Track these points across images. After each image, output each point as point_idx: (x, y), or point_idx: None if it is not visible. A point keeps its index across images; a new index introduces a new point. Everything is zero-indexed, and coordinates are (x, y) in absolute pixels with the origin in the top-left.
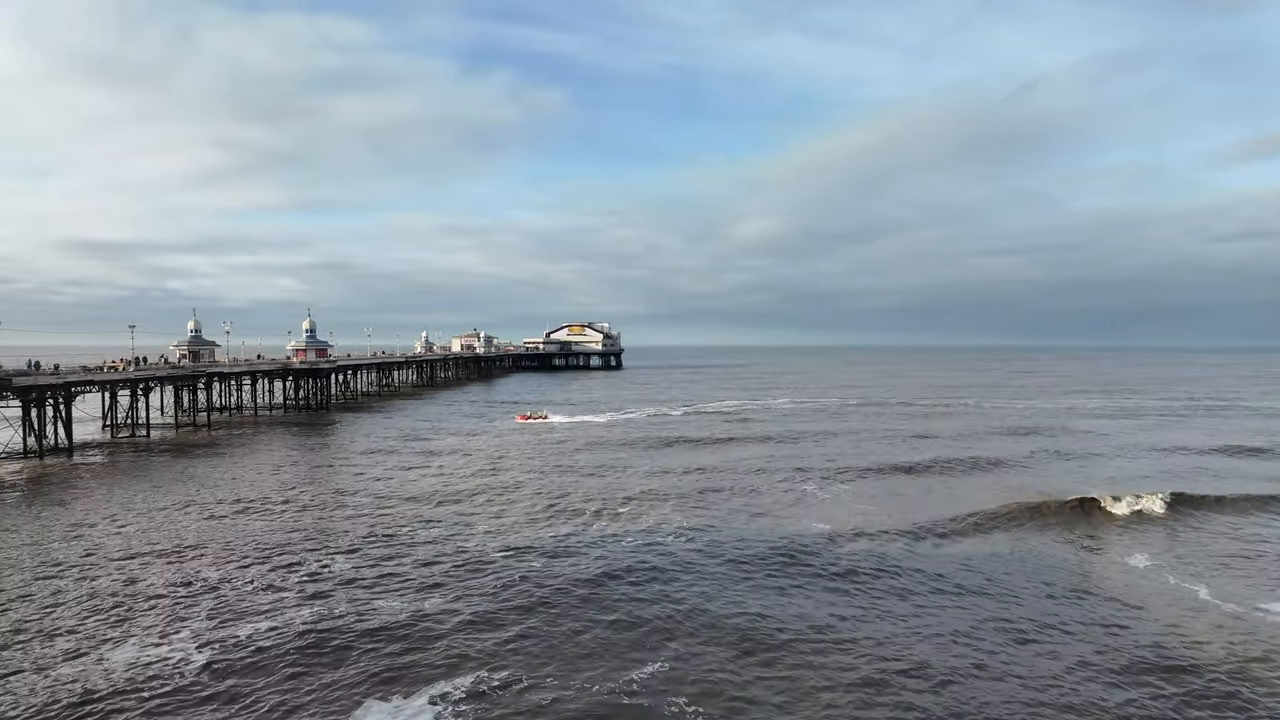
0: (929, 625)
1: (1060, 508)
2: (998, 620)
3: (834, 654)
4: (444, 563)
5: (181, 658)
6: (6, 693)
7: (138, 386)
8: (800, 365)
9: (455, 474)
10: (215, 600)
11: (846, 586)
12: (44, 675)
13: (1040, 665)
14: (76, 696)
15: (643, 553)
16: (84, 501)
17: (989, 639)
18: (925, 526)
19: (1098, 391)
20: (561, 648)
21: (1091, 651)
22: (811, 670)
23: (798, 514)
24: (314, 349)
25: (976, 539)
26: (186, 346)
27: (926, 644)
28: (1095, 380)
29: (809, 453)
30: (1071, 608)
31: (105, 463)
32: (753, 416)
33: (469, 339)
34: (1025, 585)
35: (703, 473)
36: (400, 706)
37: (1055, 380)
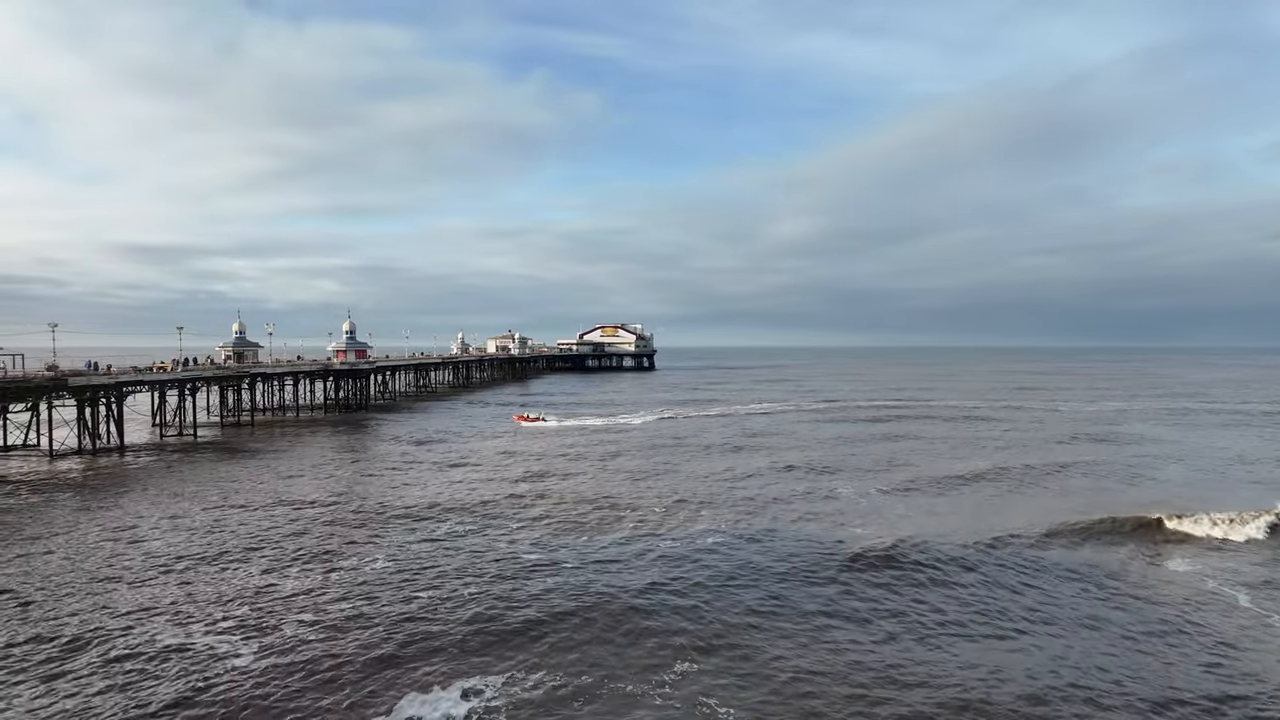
0: (983, 663)
1: (1135, 526)
2: (1068, 662)
3: (878, 686)
4: (480, 562)
5: (229, 649)
6: (70, 681)
7: (185, 387)
8: (839, 367)
9: (491, 475)
10: (259, 595)
11: (893, 607)
12: (95, 665)
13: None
14: (128, 686)
15: (681, 559)
16: (134, 498)
17: (1061, 687)
18: (981, 542)
19: (1160, 395)
20: (596, 651)
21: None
22: (851, 700)
23: (839, 524)
24: (354, 350)
25: (1041, 558)
26: (231, 348)
27: (981, 686)
28: (1156, 383)
29: (848, 457)
30: (1166, 651)
31: (154, 461)
32: (789, 419)
33: (504, 340)
34: (1104, 617)
35: (739, 477)
36: (437, 699)
37: (1112, 383)
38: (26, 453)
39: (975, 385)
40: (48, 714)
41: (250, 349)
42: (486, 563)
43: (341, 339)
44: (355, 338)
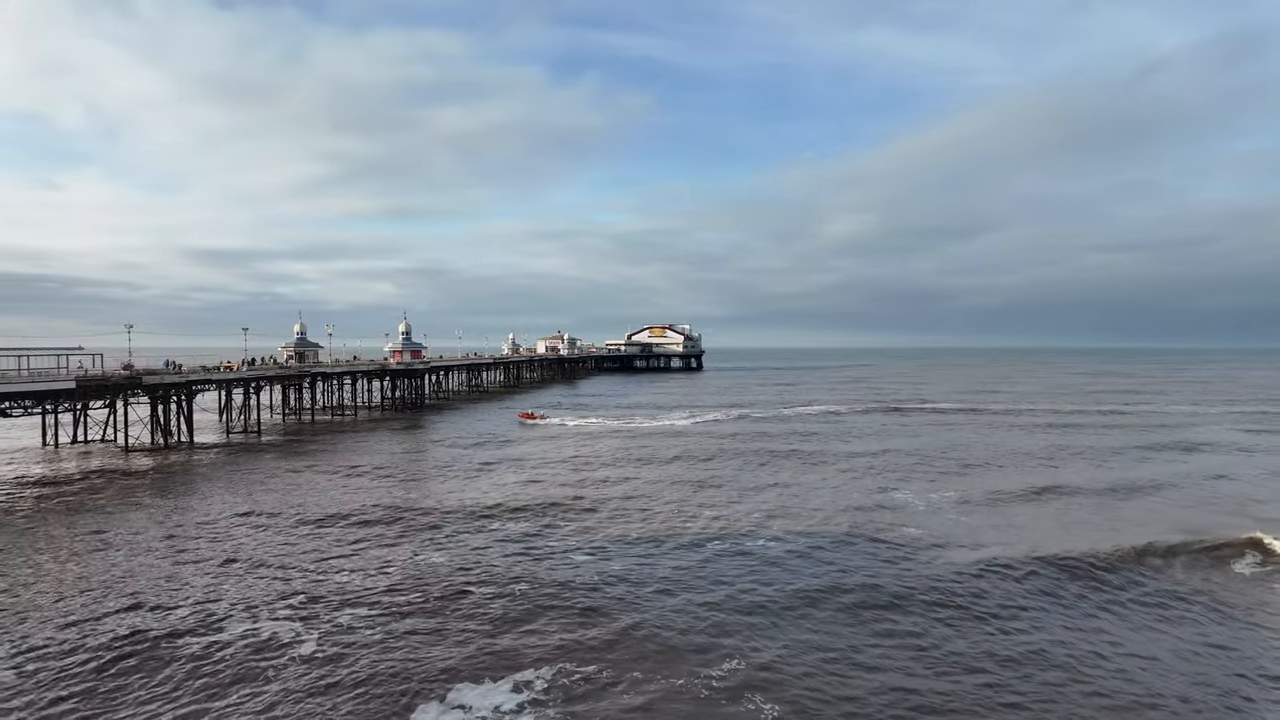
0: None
1: (1233, 548)
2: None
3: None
4: (530, 558)
5: (293, 637)
6: (147, 657)
7: (250, 386)
8: (895, 368)
9: (542, 473)
10: (321, 585)
11: (955, 629)
12: (168, 644)
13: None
14: (197, 666)
15: (733, 562)
16: (203, 491)
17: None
18: (1055, 560)
19: (1250, 399)
20: (645, 647)
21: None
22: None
23: (915, 539)
24: (409, 350)
25: (1126, 580)
26: (293, 348)
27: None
28: (1245, 387)
29: (918, 465)
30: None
31: (221, 456)
32: (850, 421)
33: (553, 341)
34: (1199, 661)
35: (787, 482)
36: (488, 690)
37: (1194, 386)
38: (105, 447)
39: (1044, 388)
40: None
41: (311, 349)
42: (540, 561)
43: (398, 339)
44: (410, 338)
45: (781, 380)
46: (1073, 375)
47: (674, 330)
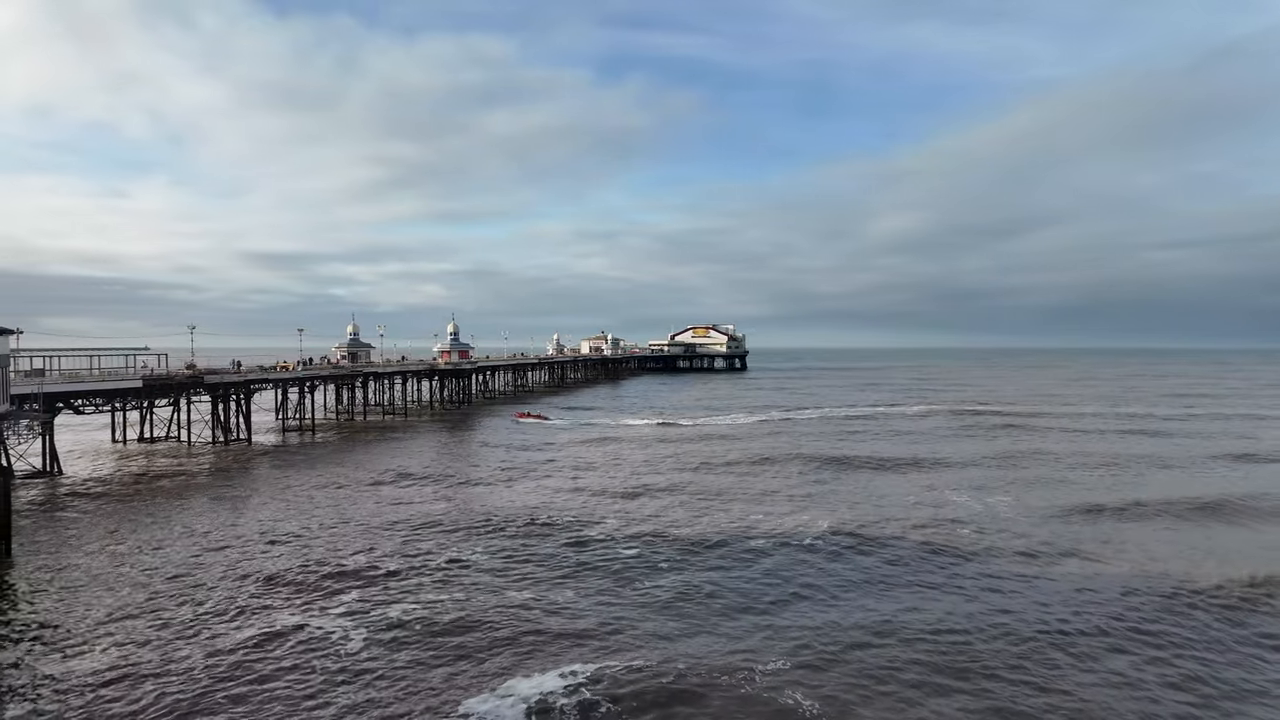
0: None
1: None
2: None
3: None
4: (581, 554)
5: (341, 634)
6: (198, 649)
7: (305, 385)
8: (947, 368)
9: (587, 471)
10: (369, 580)
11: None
12: (217, 636)
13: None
14: (247, 659)
15: (785, 564)
16: (261, 486)
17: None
18: (1151, 590)
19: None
20: (692, 642)
21: None
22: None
23: (989, 547)
24: (457, 351)
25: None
26: (346, 348)
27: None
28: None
29: (990, 474)
30: None
31: (278, 452)
32: (904, 424)
33: (597, 341)
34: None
35: (836, 486)
36: (538, 682)
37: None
38: (169, 444)
39: (1114, 390)
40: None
41: (363, 349)
42: (586, 552)
43: (446, 340)
44: (458, 339)
45: (830, 381)
46: (1147, 378)
47: (718, 330)
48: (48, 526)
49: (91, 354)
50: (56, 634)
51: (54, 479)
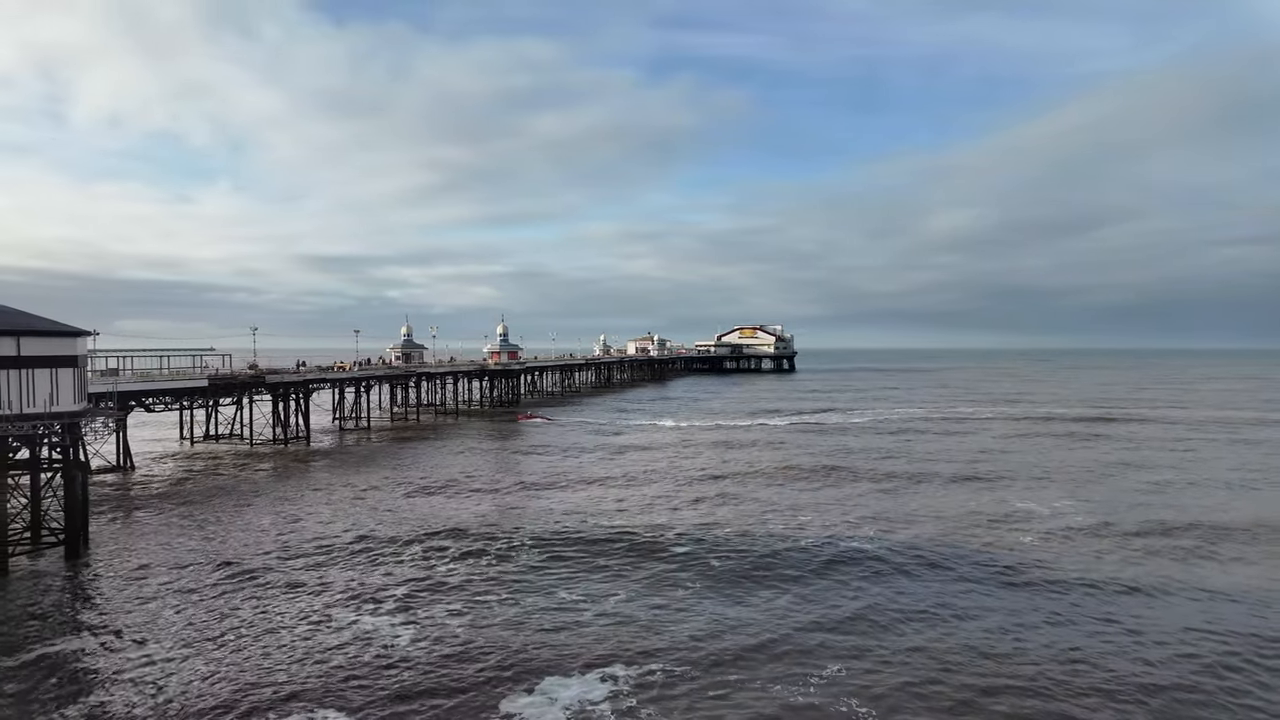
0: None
1: None
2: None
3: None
4: (621, 554)
5: (390, 632)
6: (256, 632)
7: (361, 384)
8: (1008, 370)
9: (636, 471)
10: (417, 577)
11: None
12: (274, 622)
13: None
14: (300, 644)
15: (832, 568)
16: (319, 483)
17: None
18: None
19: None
20: (737, 646)
21: None
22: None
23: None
24: (506, 352)
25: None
26: (400, 349)
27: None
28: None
29: (1031, 482)
30: None
31: (335, 450)
32: (956, 431)
33: (643, 342)
34: None
35: (892, 491)
36: (575, 682)
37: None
38: (233, 441)
39: (1177, 396)
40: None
41: (416, 350)
42: (628, 552)
43: (495, 341)
44: (507, 340)
45: (884, 382)
46: (1209, 381)
47: (765, 331)
48: (121, 518)
49: (161, 354)
50: (129, 619)
51: (127, 474)
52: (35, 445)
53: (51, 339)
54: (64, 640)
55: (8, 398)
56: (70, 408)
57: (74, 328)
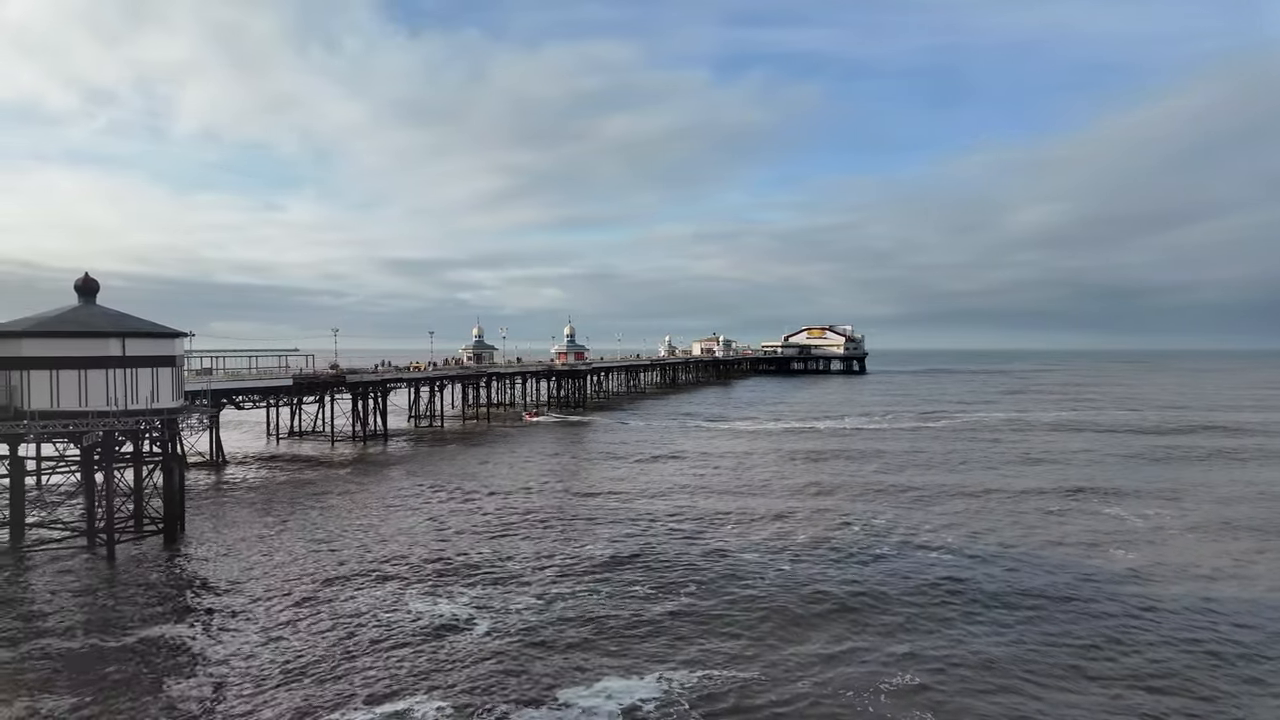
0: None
1: None
2: None
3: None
4: (690, 556)
5: (467, 618)
6: (336, 616)
7: (435, 384)
8: (1103, 373)
9: (703, 473)
10: (491, 570)
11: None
12: (357, 607)
13: None
14: (379, 635)
15: (901, 574)
16: (396, 477)
17: None
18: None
19: None
20: (796, 649)
21: None
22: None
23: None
24: (573, 352)
25: None
26: (471, 350)
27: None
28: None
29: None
30: None
31: (410, 446)
32: (1042, 441)
33: (708, 343)
34: None
35: (973, 497)
36: (633, 682)
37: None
38: (315, 437)
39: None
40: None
41: (487, 351)
42: (695, 555)
43: (563, 342)
44: (574, 341)
45: (962, 386)
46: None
47: (834, 331)
48: (214, 509)
49: (250, 354)
50: (222, 600)
51: (219, 468)
52: (138, 440)
53: (153, 340)
54: (162, 621)
55: (114, 395)
56: (169, 404)
57: (172, 329)
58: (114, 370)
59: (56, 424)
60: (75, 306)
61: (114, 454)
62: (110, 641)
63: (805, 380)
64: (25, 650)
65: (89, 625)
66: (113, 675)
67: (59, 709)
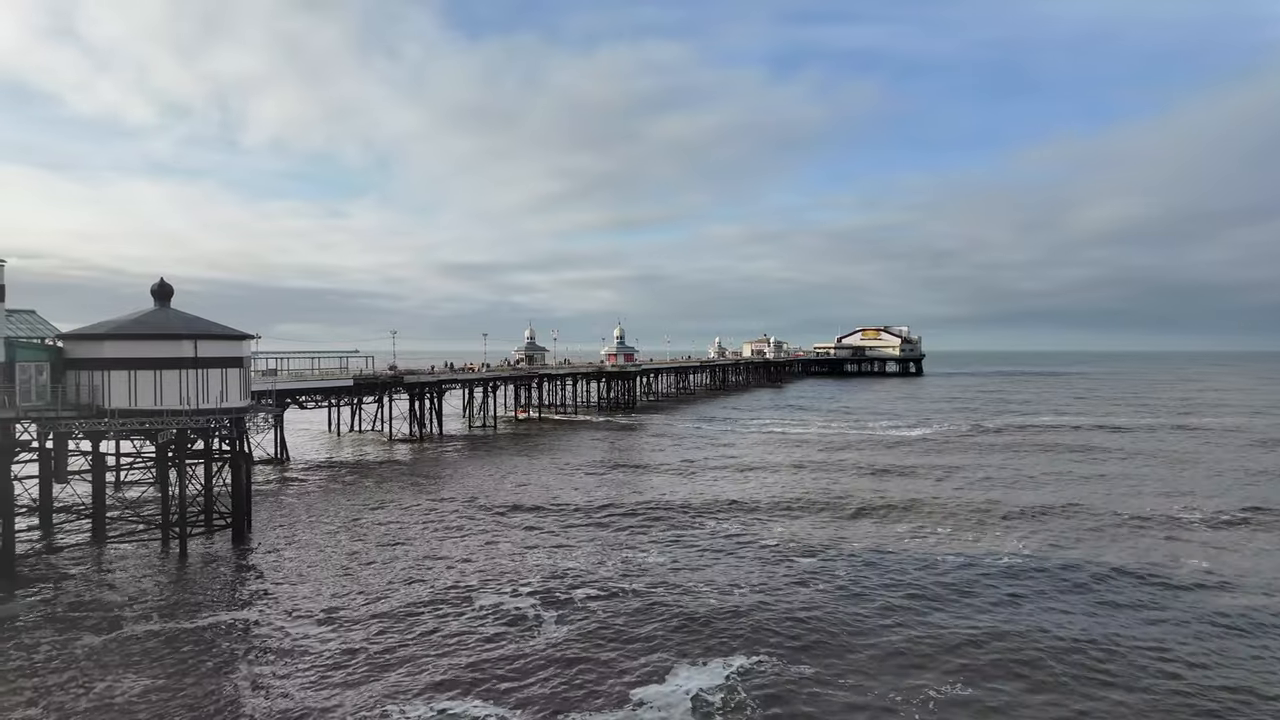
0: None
1: None
2: None
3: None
4: (745, 555)
5: (535, 614)
6: (400, 610)
7: (488, 385)
8: (1200, 377)
9: (755, 475)
10: (553, 566)
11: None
12: (422, 607)
13: None
14: (444, 630)
15: (956, 574)
16: (452, 475)
17: None
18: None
19: None
20: (856, 648)
21: None
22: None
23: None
24: (623, 354)
25: None
26: (524, 351)
27: None
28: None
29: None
30: None
31: (465, 445)
32: (1126, 448)
33: (759, 344)
34: None
35: (1037, 505)
36: (702, 671)
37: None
38: (374, 435)
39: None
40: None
41: (539, 352)
42: (752, 554)
43: (613, 344)
44: (624, 343)
45: (1027, 389)
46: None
47: (889, 332)
48: (279, 504)
49: (312, 356)
50: (287, 592)
51: (283, 465)
52: (209, 438)
53: (223, 342)
54: (230, 611)
55: (186, 394)
56: (237, 404)
57: (241, 332)
58: (187, 371)
59: (134, 422)
60: (152, 310)
61: (186, 451)
62: (184, 630)
63: (860, 382)
64: (107, 636)
65: (164, 614)
66: (186, 661)
67: (137, 690)
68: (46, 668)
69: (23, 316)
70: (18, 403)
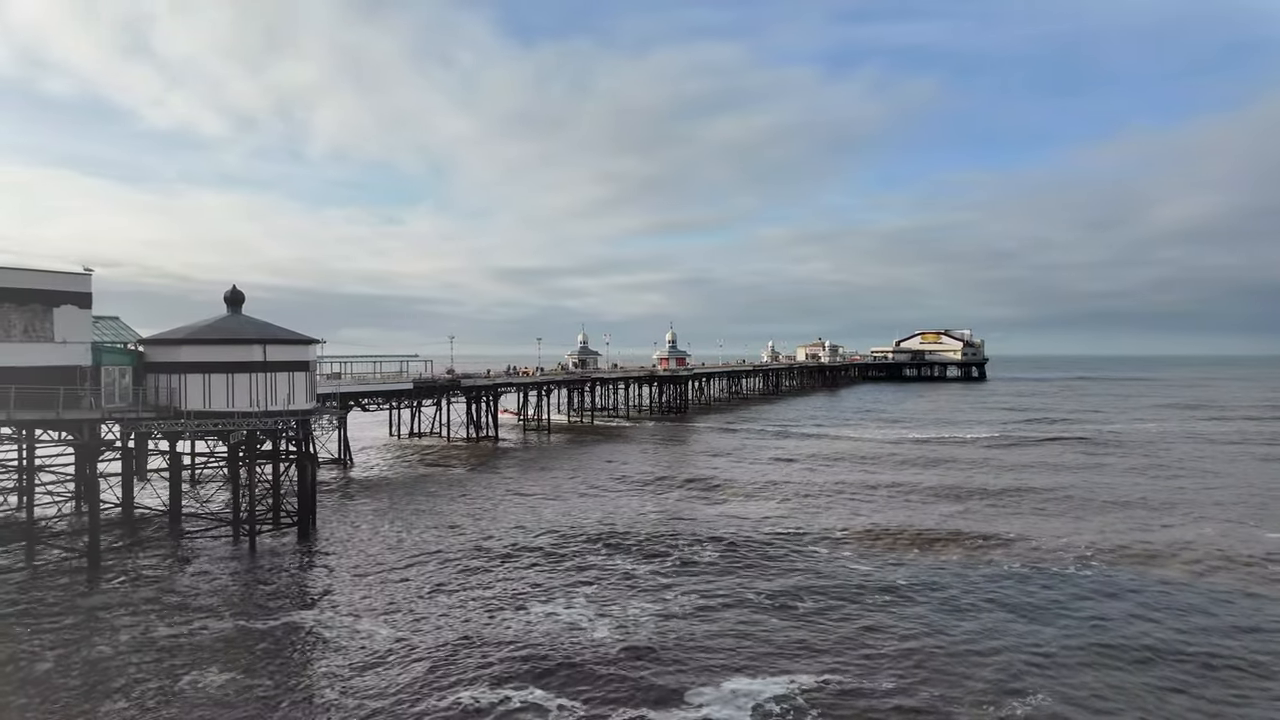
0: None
1: None
2: None
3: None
4: (799, 566)
5: (589, 625)
6: (456, 611)
7: (542, 388)
8: (1255, 381)
9: (807, 482)
10: (604, 573)
11: None
12: (477, 611)
13: None
14: (499, 634)
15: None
16: (509, 477)
17: None
18: None
19: None
20: (906, 663)
21: None
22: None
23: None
24: (674, 358)
25: None
26: (576, 355)
27: None
28: None
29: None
30: None
31: (520, 448)
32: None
33: (813, 348)
34: None
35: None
36: (757, 684)
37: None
38: (433, 438)
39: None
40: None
41: (591, 356)
42: (804, 564)
43: (664, 348)
44: (676, 346)
45: (1105, 395)
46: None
47: (950, 336)
48: (343, 505)
49: (374, 360)
50: (350, 588)
51: (346, 466)
52: (277, 438)
53: (290, 346)
54: (298, 607)
55: (256, 397)
56: (303, 406)
57: (307, 337)
58: (257, 374)
59: (208, 423)
60: (224, 316)
61: (256, 451)
62: (254, 623)
63: (921, 387)
64: (182, 629)
65: (235, 607)
66: (256, 653)
67: (211, 682)
68: (129, 659)
69: (107, 323)
70: (103, 404)
